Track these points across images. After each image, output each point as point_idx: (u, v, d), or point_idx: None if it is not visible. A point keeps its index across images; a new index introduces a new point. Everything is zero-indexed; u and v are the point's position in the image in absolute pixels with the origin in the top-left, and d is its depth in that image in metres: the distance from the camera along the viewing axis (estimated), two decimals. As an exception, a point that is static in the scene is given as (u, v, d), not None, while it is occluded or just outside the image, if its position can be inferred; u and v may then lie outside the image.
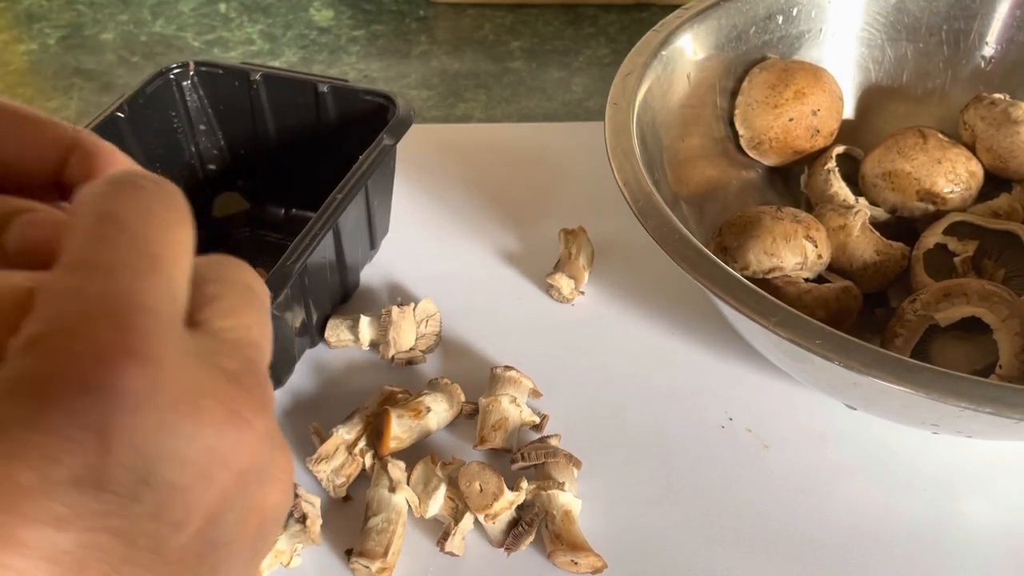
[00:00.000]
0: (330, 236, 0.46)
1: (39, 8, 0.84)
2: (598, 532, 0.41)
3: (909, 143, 0.53)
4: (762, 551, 0.42)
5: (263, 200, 0.58)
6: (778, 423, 0.47)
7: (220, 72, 0.54)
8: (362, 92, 0.53)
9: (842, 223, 0.50)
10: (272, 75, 0.54)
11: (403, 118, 0.51)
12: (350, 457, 0.43)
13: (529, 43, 0.79)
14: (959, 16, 0.58)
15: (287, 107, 0.55)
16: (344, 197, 0.46)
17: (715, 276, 0.39)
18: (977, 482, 0.44)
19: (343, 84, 0.53)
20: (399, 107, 0.51)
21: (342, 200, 0.46)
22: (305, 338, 0.49)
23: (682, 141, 0.53)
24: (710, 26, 0.54)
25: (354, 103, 0.53)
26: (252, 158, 0.57)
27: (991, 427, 0.38)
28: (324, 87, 0.53)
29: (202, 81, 0.54)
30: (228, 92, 0.55)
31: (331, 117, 0.54)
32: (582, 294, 0.54)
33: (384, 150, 0.49)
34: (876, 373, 0.34)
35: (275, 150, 0.56)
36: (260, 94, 0.54)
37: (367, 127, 0.51)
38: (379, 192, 0.53)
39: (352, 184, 0.47)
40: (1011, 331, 0.42)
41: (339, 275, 0.51)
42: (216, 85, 0.55)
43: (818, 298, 0.46)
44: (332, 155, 0.51)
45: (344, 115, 0.54)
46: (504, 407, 0.45)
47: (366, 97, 0.53)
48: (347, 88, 0.53)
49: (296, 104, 0.54)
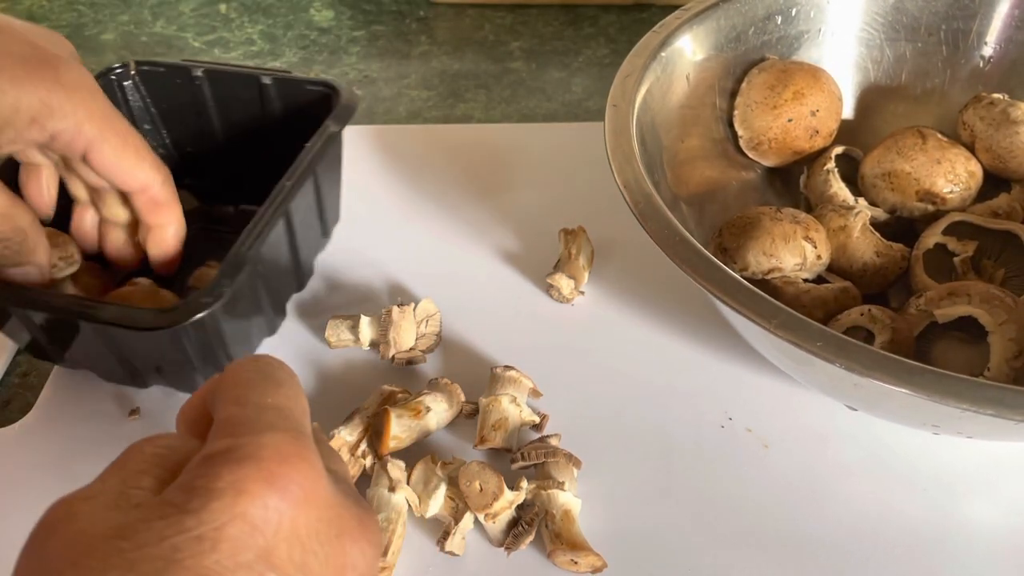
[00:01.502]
0: (282, 224, 0.46)
1: (40, 8, 0.84)
2: (598, 532, 0.42)
3: (908, 143, 0.53)
4: (762, 551, 0.42)
5: (212, 197, 0.58)
6: (778, 423, 0.47)
7: (162, 70, 0.54)
8: (305, 82, 0.53)
9: (842, 224, 0.50)
10: (214, 70, 0.53)
11: (347, 105, 0.51)
12: (352, 459, 0.43)
13: (529, 43, 0.79)
14: (958, 16, 0.58)
15: (232, 102, 0.54)
16: (294, 184, 0.46)
17: (716, 278, 0.39)
18: (978, 482, 0.44)
19: (286, 75, 0.53)
20: (342, 94, 0.51)
21: (292, 187, 0.46)
22: (262, 324, 0.50)
23: (681, 142, 0.53)
24: (709, 27, 0.54)
25: (298, 94, 0.53)
26: (199, 155, 0.57)
27: (992, 428, 0.38)
28: (267, 79, 0.53)
29: (144, 80, 0.54)
30: (171, 90, 0.54)
31: (276, 109, 0.54)
32: (582, 294, 0.54)
33: (330, 137, 0.49)
34: (877, 375, 0.34)
35: (222, 146, 0.56)
36: (203, 90, 0.54)
37: (313, 117, 0.51)
38: (328, 179, 0.52)
39: (301, 171, 0.47)
40: (1005, 336, 0.42)
41: (293, 262, 0.51)
42: (159, 84, 0.54)
43: (816, 298, 0.46)
44: (280, 148, 0.51)
45: (289, 106, 0.54)
46: (504, 407, 0.45)
47: (309, 87, 0.53)
48: (290, 79, 0.53)
49: (241, 98, 0.54)
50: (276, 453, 0.24)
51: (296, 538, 0.24)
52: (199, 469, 0.24)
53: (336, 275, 0.56)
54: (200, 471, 0.24)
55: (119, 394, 0.48)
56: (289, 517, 0.24)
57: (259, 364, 0.29)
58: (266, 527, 0.23)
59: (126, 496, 0.24)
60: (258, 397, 0.27)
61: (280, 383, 0.28)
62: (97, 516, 0.23)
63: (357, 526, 0.26)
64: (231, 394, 0.27)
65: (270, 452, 0.24)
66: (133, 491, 0.24)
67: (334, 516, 0.25)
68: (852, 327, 0.45)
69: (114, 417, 0.47)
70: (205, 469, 0.24)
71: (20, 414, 0.48)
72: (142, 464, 0.25)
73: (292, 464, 0.24)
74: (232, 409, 0.27)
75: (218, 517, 0.22)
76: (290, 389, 0.28)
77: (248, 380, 0.28)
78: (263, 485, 0.23)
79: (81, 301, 0.42)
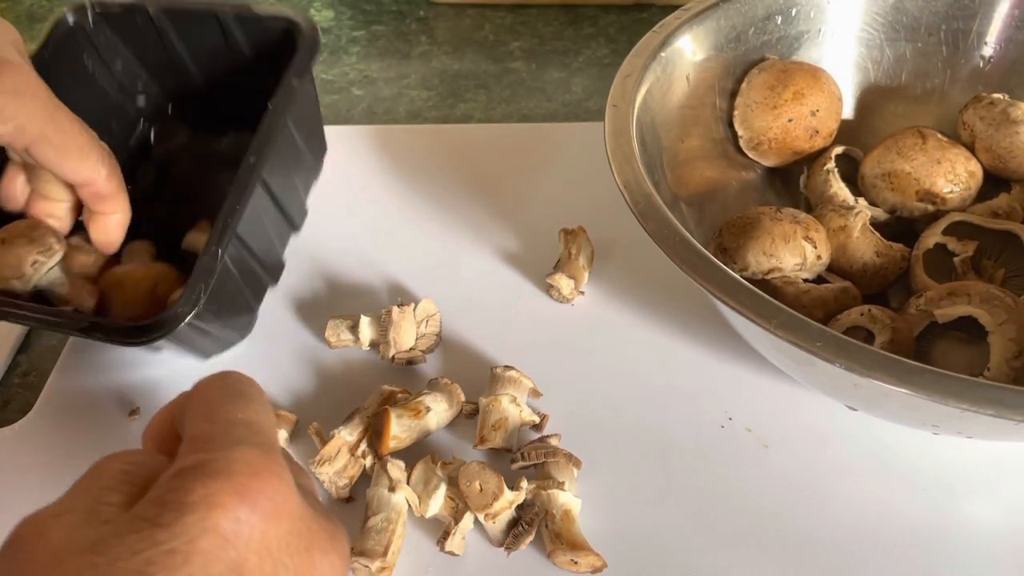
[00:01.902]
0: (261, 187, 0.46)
1: (40, 8, 0.84)
2: (598, 532, 0.42)
3: (908, 143, 0.53)
4: (762, 551, 0.42)
5: (200, 126, 0.58)
6: (778, 423, 0.47)
7: (118, 11, 0.53)
8: (264, 18, 0.52)
9: (843, 224, 0.50)
10: (171, 9, 0.53)
11: (308, 47, 0.49)
12: (352, 459, 0.43)
13: (529, 43, 0.79)
14: (958, 16, 0.58)
15: (197, 37, 0.54)
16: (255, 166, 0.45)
17: (716, 278, 0.39)
18: (978, 482, 0.44)
19: (245, 12, 0.52)
20: (304, 31, 0.50)
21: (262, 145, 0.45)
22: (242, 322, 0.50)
23: (681, 142, 0.53)
24: (709, 27, 0.54)
25: (259, 30, 0.52)
26: (179, 88, 0.57)
27: (992, 428, 0.38)
28: (225, 15, 0.52)
29: (107, 22, 0.53)
30: (134, 29, 0.54)
31: (241, 45, 0.53)
32: (582, 294, 0.54)
33: (291, 91, 0.48)
34: (877, 375, 0.34)
35: (199, 79, 0.56)
36: (166, 28, 0.53)
37: (279, 52, 0.50)
38: (303, 127, 0.51)
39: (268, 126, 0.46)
40: (1005, 336, 0.42)
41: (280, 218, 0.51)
42: (121, 24, 0.54)
43: (816, 298, 0.46)
44: (251, 84, 0.51)
45: (254, 43, 0.53)
46: (504, 407, 0.45)
47: (270, 23, 0.52)
48: (250, 16, 0.52)
49: (205, 34, 0.53)
50: (247, 467, 0.25)
51: (267, 551, 0.24)
52: (171, 483, 0.24)
53: (336, 275, 0.56)
54: (172, 485, 0.24)
55: (119, 394, 0.48)
56: (260, 530, 0.24)
57: (227, 381, 0.30)
58: (237, 540, 0.23)
59: (96, 512, 0.24)
60: (228, 413, 0.28)
61: (249, 399, 0.29)
62: (68, 532, 0.23)
63: (327, 539, 0.27)
64: (200, 410, 0.28)
65: (241, 466, 0.25)
66: (103, 507, 0.24)
67: (304, 529, 0.26)
68: (852, 327, 0.45)
69: (114, 417, 0.47)
70: (177, 483, 0.24)
71: (20, 414, 0.48)
72: (110, 480, 0.25)
73: (263, 478, 0.25)
74: (202, 425, 0.27)
75: (190, 531, 0.23)
76: (259, 404, 0.29)
77: (217, 397, 0.29)
78: (234, 498, 0.24)
79: (58, 312, 0.42)
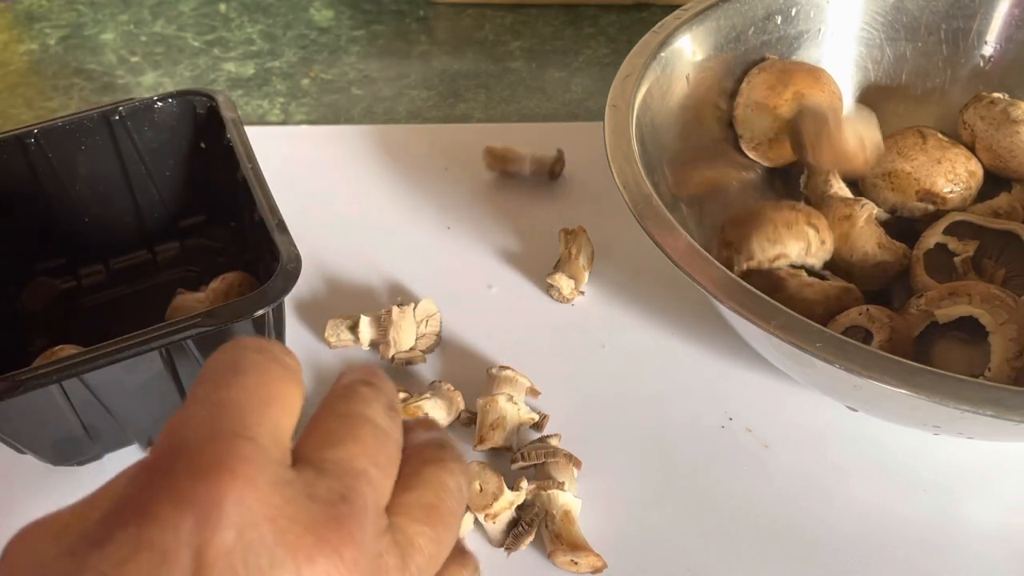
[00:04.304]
0: None
1: (39, 8, 0.84)
2: (598, 532, 0.42)
3: (908, 143, 0.53)
4: (762, 551, 0.42)
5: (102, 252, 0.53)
6: (778, 423, 0.47)
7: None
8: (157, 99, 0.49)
9: (848, 213, 0.49)
10: (48, 128, 0.48)
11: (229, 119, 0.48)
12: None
13: (529, 43, 0.79)
14: (958, 15, 0.58)
15: (76, 153, 0.49)
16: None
17: (715, 279, 0.39)
18: (978, 483, 0.44)
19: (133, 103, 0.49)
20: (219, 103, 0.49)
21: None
22: None
23: (681, 143, 0.53)
24: (709, 27, 0.54)
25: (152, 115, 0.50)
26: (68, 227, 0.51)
27: (992, 429, 0.38)
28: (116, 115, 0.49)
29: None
30: (9, 166, 0.48)
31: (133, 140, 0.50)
32: (582, 294, 0.54)
33: None
34: (876, 376, 0.34)
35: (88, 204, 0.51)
36: (42, 153, 0.48)
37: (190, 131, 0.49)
38: None
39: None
40: (1006, 336, 0.42)
41: None
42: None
43: (819, 292, 0.46)
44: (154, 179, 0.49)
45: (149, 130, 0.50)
46: (501, 406, 0.45)
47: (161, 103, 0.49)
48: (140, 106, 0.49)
49: (87, 145, 0.49)
50: (188, 466, 0.20)
51: (225, 565, 0.20)
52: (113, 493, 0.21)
53: (336, 275, 0.56)
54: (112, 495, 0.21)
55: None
56: (213, 543, 0.19)
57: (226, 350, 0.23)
58: (178, 557, 0.19)
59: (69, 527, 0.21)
60: (204, 393, 0.22)
61: (242, 371, 0.23)
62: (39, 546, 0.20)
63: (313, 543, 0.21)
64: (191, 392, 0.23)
65: (182, 465, 0.20)
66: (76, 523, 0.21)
67: (276, 534, 0.20)
68: (851, 327, 0.45)
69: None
70: (120, 494, 0.20)
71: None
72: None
73: (210, 478, 0.20)
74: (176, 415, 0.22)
75: (121, 550, 0.19)
76: (253, 376, 0.23)
77: (207, 374, 0.23)
78: (171, 507, 0.19)
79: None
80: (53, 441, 0.42)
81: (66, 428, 0.41)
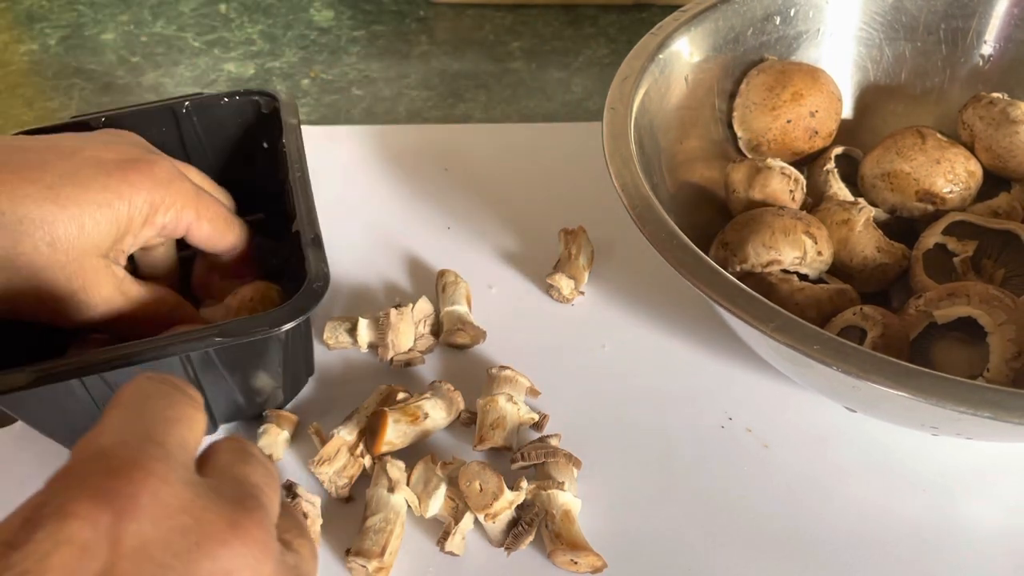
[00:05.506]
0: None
1: (40, 8, 0.84)
2: (598, 532, 0.42)
3: (908, 143, 0.53)
4: (762, 551, 0.42)
5: None
6: (778, 423, 0.47)
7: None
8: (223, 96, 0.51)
9: (846, 218, 0.50)
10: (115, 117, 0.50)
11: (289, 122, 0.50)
12: (352, 459, 0.44)
13: (529, 43, 0.80)
14: (957, 15, 0.58)
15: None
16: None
17: (713, 281, 0.39)
18: (977, 483, 0.45)
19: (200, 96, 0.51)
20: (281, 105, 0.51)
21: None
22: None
23: (680, 144, 0.53)
24: (707, 28, 0.54)
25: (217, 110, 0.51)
26: None
27: (991, 430, 0.38)
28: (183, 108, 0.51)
29: None
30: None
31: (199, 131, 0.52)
32: (582, 294, 0.54)
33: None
34: (874, 378, 0.34)
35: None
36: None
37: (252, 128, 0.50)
38: None
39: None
40: (1005, 336, 0.42)
41: None
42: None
43: (809, 297, 0.46)
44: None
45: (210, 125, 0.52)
46: (501, 406, 0.45)
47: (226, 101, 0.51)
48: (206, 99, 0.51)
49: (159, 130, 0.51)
50: (103, 467, 0.22)
51: (143, 554, 0.21)
52: (33, 499, 0.22)
53: (335, 276, 0.55)
54: (33, 501, 0.22)
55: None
56: (131, 533, 0.21)
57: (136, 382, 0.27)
58: (98, 549, 0.21)
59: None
60: (119, 413, 0.25)
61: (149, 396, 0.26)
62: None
63: (226, 528, 0.23)
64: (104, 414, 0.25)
65: (97, 466, 0.22)
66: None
67: (191, 523, 0.22)
68: (846, 327, 0.45)
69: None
70: (37, 498, 0.22)
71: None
72: None
73: (124, 475, 0.22)
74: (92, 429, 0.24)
75: (42, 547, 0.21)
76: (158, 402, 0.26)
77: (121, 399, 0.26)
78: (89, 504, 0.21)
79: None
80: (74, 430, 0.43)
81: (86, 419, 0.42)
